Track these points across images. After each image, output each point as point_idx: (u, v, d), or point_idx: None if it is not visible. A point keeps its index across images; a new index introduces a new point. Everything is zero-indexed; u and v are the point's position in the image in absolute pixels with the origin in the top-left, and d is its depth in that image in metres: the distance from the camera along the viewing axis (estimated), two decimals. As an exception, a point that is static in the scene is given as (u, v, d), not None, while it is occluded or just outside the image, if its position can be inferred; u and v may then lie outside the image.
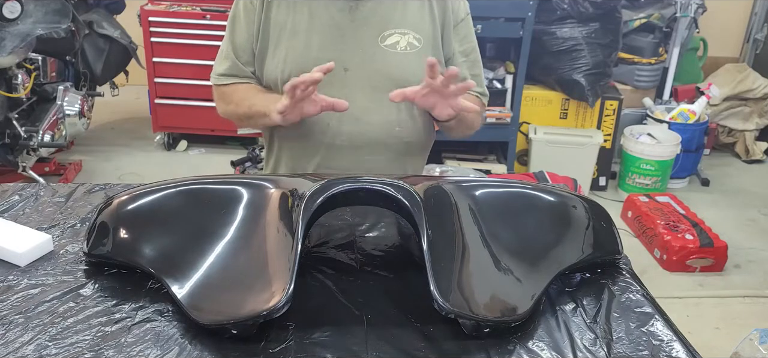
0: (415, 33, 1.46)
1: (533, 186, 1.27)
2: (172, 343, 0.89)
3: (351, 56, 1.43)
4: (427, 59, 1.27)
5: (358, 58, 1.44)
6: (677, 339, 0.94)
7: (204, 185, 1.12)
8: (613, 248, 1.14)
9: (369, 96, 1.44)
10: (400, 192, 1.01)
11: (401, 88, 1.33)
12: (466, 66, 1.52)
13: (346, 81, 1.43)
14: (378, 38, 1.44)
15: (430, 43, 1.47)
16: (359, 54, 1.44)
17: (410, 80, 1.40)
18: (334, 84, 1.40)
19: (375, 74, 1.44)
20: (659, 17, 3.86)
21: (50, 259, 1.10)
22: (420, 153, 1.61)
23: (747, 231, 3.42)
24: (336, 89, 1.40)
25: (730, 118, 4.28)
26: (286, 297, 0.87)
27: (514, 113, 3.39)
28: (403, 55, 1.45)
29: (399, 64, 1.44)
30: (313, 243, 1.18)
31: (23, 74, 3.19)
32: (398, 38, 1.45)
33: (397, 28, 1.45)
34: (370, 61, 1.44)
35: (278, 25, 1.45)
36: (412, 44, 1.45)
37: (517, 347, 0.91)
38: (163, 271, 0.99)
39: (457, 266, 0.98)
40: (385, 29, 1.44)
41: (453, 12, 1.50)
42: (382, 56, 1.44)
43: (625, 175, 3.73)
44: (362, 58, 1.44)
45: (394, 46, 1.44)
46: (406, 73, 1.43)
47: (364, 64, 1.44)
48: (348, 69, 1.43)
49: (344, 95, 1.38)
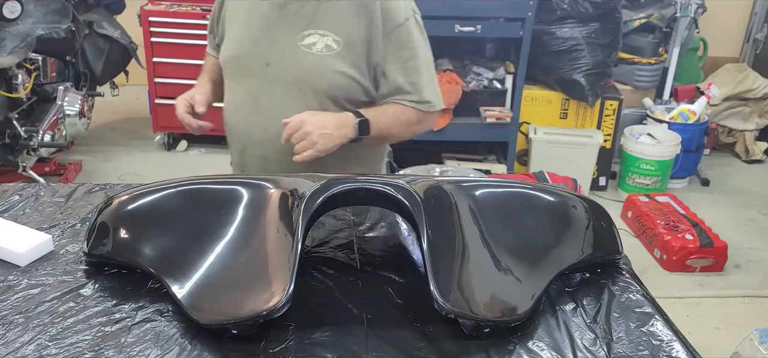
0: (336, 36, 1.44)
1: (533, 186, 1.27)
2: (172, 343, 0.90)
3: (273, 52, 1.46)
4: (282, 121, 1.37)
5: (278, 55, 1.46)
6: (677, 339, 0.94)
7: (204, 185, 1.13)
8: (613, 248, 1.14)
9: (285, 93, 1.46)
10: (400, 192, 1.01)
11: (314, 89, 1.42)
12: (401, 73, 1.48)
13: (266, 75, 1.47)
14: (298, 37, 1.45)
15: (351, 48, 1.45)
16: (280, 50, 1.46)
17: (320, 82, 1.44)
18: (257, 77, 1.48)
19: (291, 72, 1.46)
20: (659, 17, 3.86)
21: (50, 259, 1.10)
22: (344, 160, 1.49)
23: (747, 231, 3.42)
24: (257, 83, 1.49)
25: (730, 118, 4.28)
26: (286, 297, 0.87)
27: (514, 113, 3.39)
28: (318, 56, 1.44)
29: (312, 65, 1.44)
30: (313, 243, 1.18)
31: (23, 74, 3.19)
32: (316, 39, 1.44)
33: (318, 29, 1.44)
34: (289, 58, 1.45)
35: (231, 13, 1.54)
36: (330, 47, 1.44)
37: (517, 347, 0.91)
38: (163, 271, 0.99)
39: (457, 266, 0.98)
40: (306, 29, 1.44)
41: (386, 17, 1.45)
42: (299, 56, 1.44)
43: (625, 176, 3.73)
44: (282, 54, 1.46)
45: (311, 47, 1.44)
46: (318, 75, 1.44)
47: (284, 61, 1.46)
48: (269, 64, 1.47)
49: (265, 89, 1.48)
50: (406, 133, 1.55)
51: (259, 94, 1.49)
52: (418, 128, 1.57)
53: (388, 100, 1.50)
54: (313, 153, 1.38)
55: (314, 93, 1.46)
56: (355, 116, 1.44)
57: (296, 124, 1.38)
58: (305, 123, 1.37)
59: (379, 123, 1.47)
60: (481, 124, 3.37)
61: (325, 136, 1.38)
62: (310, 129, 1.37)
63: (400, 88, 1.49)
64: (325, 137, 1.38)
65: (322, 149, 1.38)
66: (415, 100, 1.50)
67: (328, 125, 1.40)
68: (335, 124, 1.41)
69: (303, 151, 1.38)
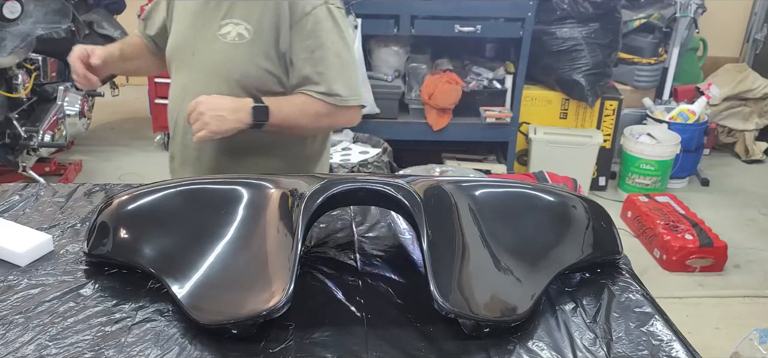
0: (247, 24, 1.45)
1: (533, 186, 1.27)
2: (172, 343, 0.90)
3: (198, 41, 1.50)
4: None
5: (201, 44, 1.49)
6: (677, 339, 0.94)
7: (204, 185, 1.13)
8: (612, 248, 1.14)
9: (206, 82, 1.47)
10: (400, 192, 1.01)
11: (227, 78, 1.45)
12: (309, 63, 1.46)
13: (192, 64, 1.51)
14: (217, 26, 1.47)
15: (261, 37, 1.45)
16: (203, 40, 1.49)
17: (231, 71, 1.46)
18: (186, 67, 1.52)
19: (209, 61, 1.49)
20: (659, 17, 3.86)
21: (50, 259, 1.10)
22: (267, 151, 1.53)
23: (747, 231, 3.42)
24: (186, 73, 1.53)
25: (730, 118, 4.28)
26: (286, 297, 0.87)
27: (514, 113, 3.39)
28: (230, 45, 1.46)
29: (225, 53, 1.46)
30: (313, 243, 1.18)
31: (23, 74, 3.19)
32: (231, 28, 1.46)
33: (232, 18, 1.46)
34: (209, 48, 1.48)
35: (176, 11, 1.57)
36: (242, 35, 1.45)
37: (517, 346, 0.91)
38: (164, 271, 1.00)
39: (457, 266, 0.98)
40: (224, 18, 1.47)
41: (292, 7, 1.45)
42: (215, 45, 1.47)
43: (624, 176, 3.73)
44: (204, 44, 1.49)
45: (226, 36, 1.46)
46: (229, 64, 1.46)
47: (206, 51, 1.49)
48: (195, 54, 1.50)
49: (192, 78, 1.51)
50: (316, 125, 1.53)
51: (188, 83, 1.52)
52: (330, 121, 1.54)
53: (297, 90, 1.49)
54: (206, 134, 1.38)
55: (227, 82, 1.47)
56: (253, 102, 1.43)
57: (192, 106, 1.40)
58: (199, 104, 1.39)
59: (282, 112, 1.45)
60: (481, 124, 3.37)
61: (218, 118, 1.38)
62: (203, 109, 1.38)
63: (307, 78, 1.47)
64: (218, 119, 1.38)
65: (215, 130, 1.38)
66: (323, 91, 1.47)
67: (222, 108, 1.40)
68: (231, 109, 1.40)
69: (197, 132, 1.39)
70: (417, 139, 3.43)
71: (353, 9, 3.05)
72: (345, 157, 3.00)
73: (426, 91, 3.24)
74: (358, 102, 1.54)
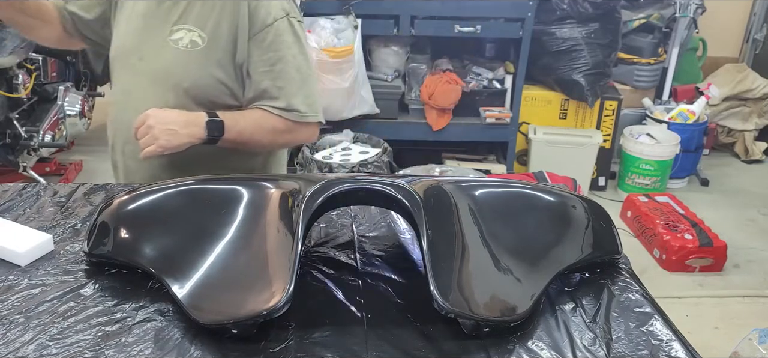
0: (201, 31, 1.40)
1: (533, 186, 1.27)
2: (172, 343, 0.90)
3: (146, 45, 1.45)
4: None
5: (150, 50, 1.44)
6: (676, 339, 0.94)
7: (204, 185, 1.13)
8: (612, 247, 1.15)
9: (152, 88, 1.43)
10: (400, 192, 1.01)
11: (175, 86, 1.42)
12: (268, 77, 1.42)
13: (138, 69, 1.45)
14: (168, 31, 1.42)
15: (216, 46, 1.40)
16: (152, 45, 1.44)
17: (181, 79, 1.40)
18: (130, 72, 1.47)
19: (158, 67, 1.43)
20: (659, 17, 3.86)
21: (51, 259, 1.10)
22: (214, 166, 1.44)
23: (746, 231, 3.42)
24: (130, 77, 1.47)
25: (730, 118, 4.29)
26: (286, 297, 0.87)
27: (514, 113, 3.39)
28: (183, 52, 1.41)
29: (176, 60, 1.41)
30: (313, 243, 1.18)
31: (24, 74, 3.19)
32: (183, 34, 1.41)
33: (186, 24, 1.41)
34: (157, 53, 1.43)
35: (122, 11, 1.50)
36: (195, 42, 1.40)
37: (517, 346, 0.91)
38: (164, 271, 1.00)
39: (456, 266, 0.98)
40: (176, 23, 1.42)
41: (253, 17, 1.40)
42: (166, 50, 1.42)
43: (624, 175, 3.74)
44: (153, 49, 1.44)
45: (177, 42, 1.41)
46: (179, 71, 1.41)
47: (154, 56, 1.44)
48: (142, 58, 1.45)
49: (137, 84, 1.45)
50: (273, 141, 1.48)
51: (132, 88, 1.47)
52: (288, 138, 1.50)
53: (254, 104, 1.44)
54: (155, 149, 1.32)
55: (175, 90, 1.41)
56: (207, 116, 1.37)
57: (141, 119, 1.33)
58: (149, 117, 1.32)
59: (237, 126, 1.40)
60: (481, 124, 3.37)
61: (169, 133, 1.32)
62: (152, 123, 1.32)
63: (265, 92, 1.43)
64: (169, 134, 1.32)
65: (165, 145, 1.32)
66: (282, 107, 1.43)
67: (174, 122, 1.33)
68: (183, 123, 1.34)
69: (146, 147, 1.32)
70: (417, 139, 3.43)
71: (353, 9, 3.05)
72: (345, 157, 3.00)
73: (426, 91, 3.24)
74: (317, 118, 1.49)
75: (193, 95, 1.41)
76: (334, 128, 3.22)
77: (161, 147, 1.32)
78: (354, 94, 3.11)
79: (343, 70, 3.01)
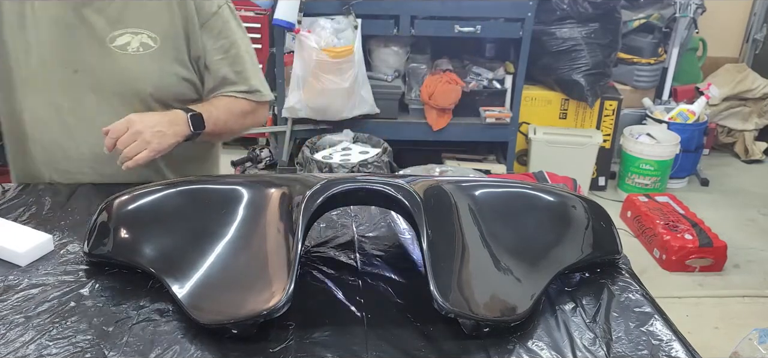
0: (151, 32, 1.37)
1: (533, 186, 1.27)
2: (172, 342, 0.90)
3: (80, 57, 1.35)
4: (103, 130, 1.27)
5: (87, 60, 1.35)
6: (676, 339, 0.94)
7: (204, 185, 1.13)
8: (612, 247, 1.15)
9: (102, 101, 1.37)
10: (400, 192, 1.01)
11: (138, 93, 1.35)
12: (225, 63, 1.43)
13: (75, 83, 1.36)
14: (108, 39, 1.35)
15: (170, 43, 1.38)
16: (89, 55, 1.35)
17: (142, 83, 1.36)
18: (63, 86, 1.36)
19: (106, 77, 1.36)
20: (659, 17, 3.86)
21: (51, 259, 1.10)
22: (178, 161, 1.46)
23: (746, 231, 3.42)
24: (65, 92, 1.36)
25: (730, 118, 4.29)
26: (286, 297, 0.87)
27: (514, 113, 3.39)
28: (135, 56, 1.36)
29: (129, 66, 1.35)
30: (313, 243, 1.18)
31: None
32: (130, 38, 1.35)
33: (128, 28, 1.35)
34: (101, 63, 1.35)
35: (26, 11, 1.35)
36: (147, 44, 1.36)
37: (517, 346, 0.91)
38: (164, 271, 1.00)
39: (456, 266, 0.98)
40: (115, 29, 1.35)
41: (198, 9, 1.39)
42: (113, 58, 1.35)
43: (624, 176, 3.73)
44: (93, 59, 1.35)
45: (125, 47, 1.35)
46: (137, 75, 1.36)
47: (96, 66, 1.35)
48: (78, 71, 1.35)
49: (74, 98, 1.35)
50: (241, 125, 1.50)
51: (69, 105, 1.37)
52: (252, 120, 1.52)
53: (217, 93, 1.45)
54: (148, 154, 1.28)
55: (138, 97, 1.37)
56: (185, 112, 1.36)
57: (121, 127, 1.27)
58: (133, 123, 1.27)
59: (212, 117, 1.40)
60: (481, 124, 3.37)
61: (158, 135, 1.29)
62: (140, 128, 1.27)
63: (225, 80, 1.44)
64: (159, 136, 1.29)
65: (157, 149, 1.29)
66: (245, 90, 1.46)
67: (159, 124, 1.30)
68: (168, 123, 1.32)
69: (136, 154, 1.27)
70: (417, 139, 3.43)
71: (353, 9, 3.05)
72: (345, 157, 3.00)
73: (426, 91, 3.24)
74: (271, 96, 1.54)
75: (158, 98, 1.39)
76: (334, 128, 3.22)
77: (154, 151, 1.29)
78: (354, 94, 3.11)
79: (343, 70, 3.01)
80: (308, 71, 3.00)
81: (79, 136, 1.39)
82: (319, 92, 3.04)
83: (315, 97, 3.06)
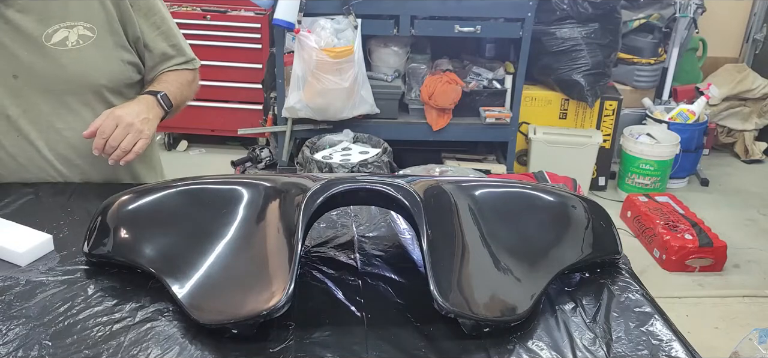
0: (86, 23, 1.33)
1: (533, 186, 1.27)
2: (172, 342, 0.90)
3: (16, 62, 1.31)
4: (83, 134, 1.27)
5: (26, 63, 1.31)
6: (676, 339, 0.94)
7: (204, 185, 1.13)
8: (612, 247, 1.15)
9: (54, 100, 1.34)
10: (400, 192, 1.01)
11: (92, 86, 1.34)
12: (161, 39, 1.45)
13: (19, 89, 1.32)
14: (43, 37, 1.30)
15: (107, 30, 1.36)
16: (26, 58, 1.30)
17: (93, 75, 1.35)
18: (7, 93, 1.32)
19: (51, 77, 1.32)
20: (659, 17, 3.86)
21: (51, 259, 1.10)
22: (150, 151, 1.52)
23: (746, 231, 3.42)
24: (10, 98, 1.32)
25: (730, 119, 4.29)
26: (287, 297, 0.87)
27: (514, 113, 3.39)
28: (77, 50, 1.32)
29: (73, 62, 1.32)
30: (313, 243, 1.18)
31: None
32: (66, 33, 1.31)
33: (62, 23, 1.32)
34: (43, 63, 1.31)
35: None
36: (85, 36, 1.33)
37: (517, 346, 0.91)
38: (164, 271, 1.00)
39: (456, 266, 0.98)
40: (47, 26, 1.31)
41: None
42: (53, 57, 1.31)
43: (624, 176, 3.73)
44: (30, 61, 1.31)
45: (64, 43, 1.31)
46: (82, 68, 1.33)
47: (35, 68, 1.31)
48: (18, 76, 1.32)
49: (23, 104, 1.32)
50: (188, 95, 1.52)
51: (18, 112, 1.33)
52: (195, 87, 1.55)
53: (159, 70, 1.46)
54: (144, 143, 1.28)
55: (92, 90, 1.35)
56: (150, 95, 1.37)
57: (109, 125, 1.26)
58: (121, 117, 1.26)
59: (172, 93, 1.42)
60: (481, 124, 3.37)
61: (146, 122, 1.29)
62: (130, 120, 1.26)
63: (164, 55, 1.46)
64: (147, 123, 1.30)
65: (148, 136, 1.30)
66: (183, 61, 1.49)
67: (142, 111, 1.31)
68: (147, 108, 1.33)
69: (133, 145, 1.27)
70: (417, 139, 3.43)
71: (353, 9, 3.05)
72: (345, 157, 3.00)
73: (426, 91, 3.24)
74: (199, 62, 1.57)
75: (112, 88, 1.38)
76: (334, 128, 3.22)
77: (147, 138, 1.30)
78: (354, 94, 3.11)
79: (343, 70, 3.01)
80: (308, 71, 3.00)
81: (39, 141, 1.37)
82: (319, 92, 3.04)
83: (315, 97, 3.06)
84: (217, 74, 3.77)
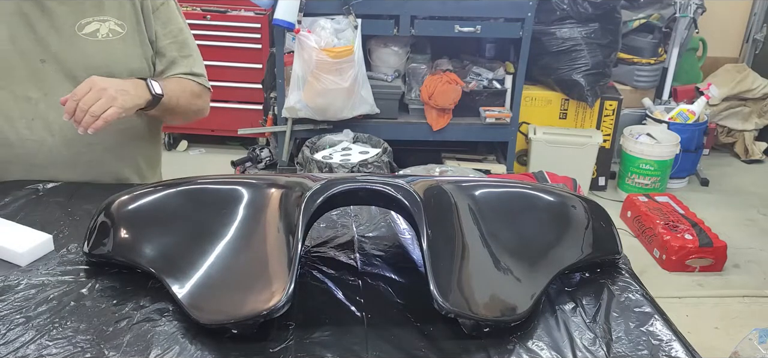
0: (117, 19, 1.42)
1: (533, 186, 1.27)
2: (172, 342, 0.90)
3: (46, 47, 1.37)
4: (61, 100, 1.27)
5: (54, 49, 1.38)
6: (676, 339, 0.94)
7: (204, 184, 1.13)
8: (612, 247, 1.15)
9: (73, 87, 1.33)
10: (400, 192, 1.01)
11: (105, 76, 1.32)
12: (175, 47, 1.51)
13: (43, 73, 1.38)
14: (76, 27, 1.38)
15: (135, 28, 1.45)
16: (55, 45, 1.38)
17: (114, 68, 1.40)
18: (32, 76, 1.38)
19: (76, 65, 1.38)
20: (659, 17, 3.86)
21: (51, 259, 1.10)
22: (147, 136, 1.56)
23: (746, 231, 3.42)
24: (34, 82, 1.38)
25: (730, 119, 4.29)
26: (287, 297, 0.87)
27: (514, 113, 3.39)
28: (106, 42, 1.40)
29: (100, 52, 1.40)
30: (313, 243, 1.18)
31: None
32: (98, 26, 1.40)
33: (96, 16, 1.40)
34: (68, 51, 1.38)
35: None
36: (115, 31, 1.42)
37: (517, 346, 0.91)
38: (164, 270, 1.00)
39: (456, 266, 0.98)
40: (82, 17, 1.39)
41: None
42: (82, 45, 1.39)
43: (624, 176, 3.73)
44: (59, 48, 1.38)
45: (95, 34, 1.39)
46: (109, 61, 1.40)
47: (63, 54, 1.38)
48: (45, 61, 1.38)
49: (44, 88, 1.38)
50: (191, 105, 1.53)
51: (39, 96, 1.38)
52: (201, 104, 1.56)
53: (167, 75, 1.50)
54: (116, 111, 1.26)
55: None
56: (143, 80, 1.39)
57: (83, 88, 1.26)
58: (95, 82, 1.27)
59: (168, 89, 1.43)
60: (481, 124, 3.37)
61: (123, 92, 1.29)
62: (105, 85, 1.26)
63: (174, 62, 1.50)
64: (123, 93, 1.29)
65: (123, 105, 1.28)
66: (195, 72, 1.53)
67: (123, 83, 1.32)
68: (131, 84, 1.34)
69: (103, 111, 1.24)
70: (417, 139, 3.43)
71: (353, 9, 3.05)
72: (345, 157, 3.00)
73: (426, 91, 3.24)
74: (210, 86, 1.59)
75: None
76: (334, 128, 3.22)
77: (121, 107, 1.28)
78: (354, 94, 3.11)
79: (343, 70, 3.01)
80: (308, 71, 3.00)
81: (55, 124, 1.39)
82: (319, 92, 3.04)
83: (315, 97, 3.06)
84: (217, 74, 3.77)
